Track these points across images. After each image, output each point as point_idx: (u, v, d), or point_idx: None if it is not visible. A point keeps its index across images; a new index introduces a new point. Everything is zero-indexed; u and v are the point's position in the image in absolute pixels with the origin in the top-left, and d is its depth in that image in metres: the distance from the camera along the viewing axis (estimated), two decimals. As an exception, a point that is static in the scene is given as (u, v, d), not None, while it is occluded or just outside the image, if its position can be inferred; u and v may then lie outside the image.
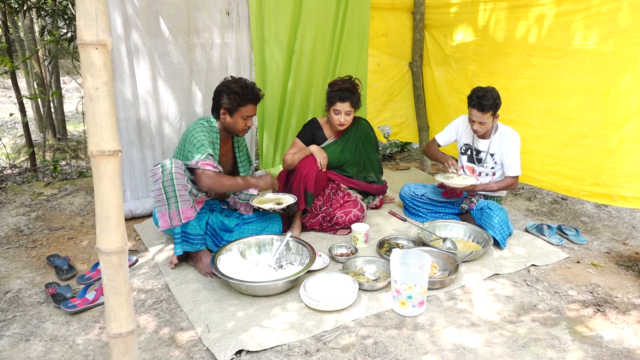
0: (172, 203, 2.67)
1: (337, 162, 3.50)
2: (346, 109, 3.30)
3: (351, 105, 3.31)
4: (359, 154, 3.55)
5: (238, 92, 2.83)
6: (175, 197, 2.66)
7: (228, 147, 3.11)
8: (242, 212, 3.17)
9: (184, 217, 2.69)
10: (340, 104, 3.29)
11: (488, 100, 3.10)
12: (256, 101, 2.92)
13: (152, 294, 2.63)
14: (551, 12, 3.25)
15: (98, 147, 1.47)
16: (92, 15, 1.41)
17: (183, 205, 2.68)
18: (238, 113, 2.87)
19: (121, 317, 1.63)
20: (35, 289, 2.68)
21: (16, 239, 3.29)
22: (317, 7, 3.98)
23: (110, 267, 1.57)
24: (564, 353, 2.16)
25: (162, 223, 2.71)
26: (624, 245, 3.27)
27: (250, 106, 2.89)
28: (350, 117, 3.36)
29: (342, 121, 3.34)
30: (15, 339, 2.24)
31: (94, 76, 1.45)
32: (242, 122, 2.91)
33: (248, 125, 2.95)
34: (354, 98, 3.31)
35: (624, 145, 2.99)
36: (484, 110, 3.12)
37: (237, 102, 2.83)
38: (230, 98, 2.83)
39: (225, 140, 3.04)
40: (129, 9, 3.26)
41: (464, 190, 3.34)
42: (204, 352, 2.15)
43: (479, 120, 3.18)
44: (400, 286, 2.41)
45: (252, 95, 2.87)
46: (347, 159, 3.51)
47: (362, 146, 3.56)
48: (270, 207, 2.98)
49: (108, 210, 1.53)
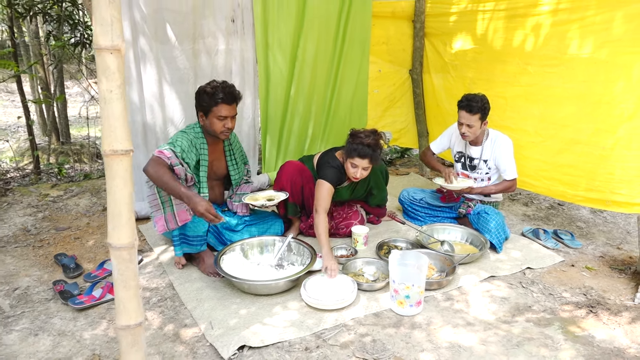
0: (167, 207, 2.73)
1: (347, 198, 3.47)
2: (364, 165, 3.04)
3: (370, 162, 3.05)
4: (369, 190, 3.47)
5: (209, 92, 2.81)
6: (169, 201, 2.72)
7: (218, 151, 3.10)
8: (240, 214, 3.21)
9: (179, 220, 2.73)
10: (359, 160, 3.02)
11: (477, 103, 3.20)
12: (228, 101, 2.83)
13: (157, 292, 2.70)
14: (547, 21, 3.34)
15: (111, 146, 1.55)
16: (108, 21, 1.50)
17: (178, 209, 2.73)
18: (212, 114, 2.83)
19: (130, 309, 1.70)
20: (43, 286, 2.75)
21: (24, 238, 3.36)
22: (319, 15, 4.08)
23: (120, 261, 1.65)
24: (556, 352, 2.22)
25: (159, 227, 2.76)
26: (618, 249, 3.34)
27: (222, 106, 2.82)
28: (367, 172, 3.10)
29: (358, 176, 3.08)
30: (24, 334, 2.31)
31: (109, 79, 1.53)
32: (218, 123, 2.85)
33: (226, 126, 2.87)
34: (374, 155, 3.02)
35: (616, 152, 3.06)
36: (472, 112, 3.21)
37: (208, 102, 2.81)
38: (202, 99, 2.83)
39: (213, 144, 3.03)
40: (136, 16, 3.35)
41: (461, 192, 3.42)
42: (207, 348, 2.22)
43: (467, 122, 3.26)
44: (398, 286, 2.49)
45: (223, 95, 2.80)
46: (357, 195, 3.47)
47: (374, 184, 3.45)
48: (262, 204, 3.03)
49: (120, 208, 1.61)
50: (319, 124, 4.44)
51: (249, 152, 4.15)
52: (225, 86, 2.85)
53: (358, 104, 4.55)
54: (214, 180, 3.12)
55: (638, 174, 3.00)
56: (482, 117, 3.27)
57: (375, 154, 3.04)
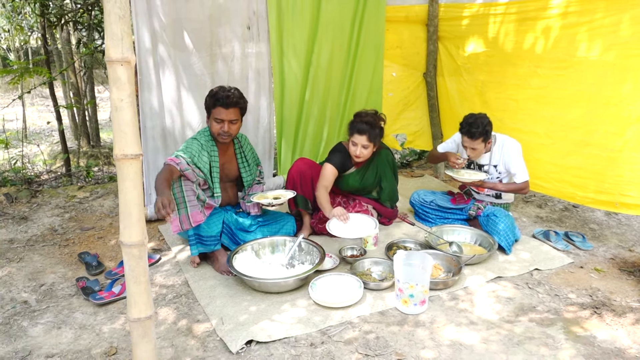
0: (181, 208, 2.86)
1: (357, 188, 3.57)
2: (363, 142, 3.20)
3: (368, 140, 3.20)
4: (379, 181, 3.56)
5: (211, 94, 2.98)
6: (184, 203, 2.85)
7: (229, 154, 3.22)
8: (253, 214, 3.32)
9: (193, 221, 2.86)
10: (358, 136, 3.21)
11: (477, 128, 3.22)
12: (225, 105, 2.92)
13: (173, 289, 2.84)
14: (557, 24, 3.36)
15: (122, 151, 1.68)
16: (119, 36, 1.62)
17: (192, 210, 2.86)
18: (211, 115, 2.99)
19: (140, 303, 1.83)
20: (67, 282, 2.92)
21: (51, 237, 3.55)
22: (333, 21, 4.17)
23: (131, 258, 1.78)
24: (556, 351, 2.26)
25: (173, 227, 2.91)
26: (630, 251, 3.33)
27: (219, 109, 2.93)
28: (367, 151, 3.26)
29: (358, 154, 3.25)
30: (48, 327, 2.47)
31: (119, 89, 1.65)
32: (216, 125, 2.97)
33: (223, 129, 2.96)
34: (372, 132, 3.20)
35: (624, 154, 3.07)
36: (473, 137, 3.25)
37: (208, 104, 2.99)
38: (206, 101, 3.01)
39: (223, 147, 3.15)
40: (156, 25, 3.50)
41: (472, 185, 3.43)
42: (217, 342, 2.34)
43: (470, 146, 3.32)
44: (403, 285, 2.56)
45: (221, 98, 2.92)
46: (367, 185, 3.56)
47: (383, 175, 3.54)
48: (269, 202, 3.14)
49: (130, 208, 1.74)
50: (333, 127, 4.53)
51: (264, 155, 4.27)
52: (225, 90, 2.97)
53: (372, 107, 4.50)
54: (226, 182, 3.25)
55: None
56: (485, 139, 3.30)
57: (374, 132, 3.21)
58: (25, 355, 2.25)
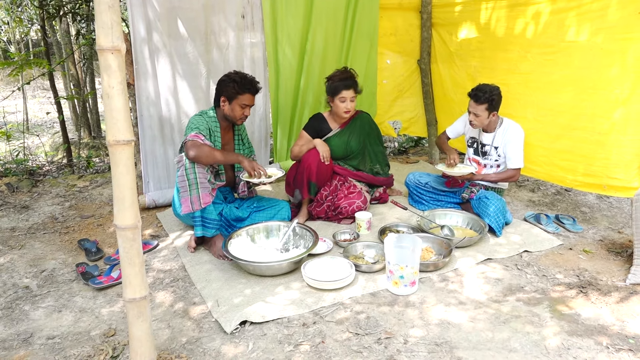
0: (193, 189, 2.94)
1: (342, 153, 3.68)
2: (351, 95, 3.48)
3: (355, 92, 3.50)
4: (363, 144, 3.71)
5: (237, 81, 3.10)
6: (196, 184, 2.93)
7: (229, 136, 3.36)
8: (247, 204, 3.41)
9: (203, 202, 2.95)
10: (346, 91, 3.46)
11: (484, 93, 3.29)
12: (253, 92, 3.16)
13: (170, 274, 2.91)
14: (547, 9, 3.39)
15: (114, 137, 1.74)
16: (109, 25, 1.67)
17: (203, 191, 2.94)
18: (236, 101, 3.13)
19: (135, 284, 1.89)
20: (67, 268, 2.99)
21: (51, 225, 3.63)
22: (327, 9, 4.21)
23: (125, 240, 1.84)
24: (540, 328, 2.32)
25: (184, 207, 2.96)
26: (619, 233, 3.38)
27: (247, 95, 3.13)
28: (354, 103, 3.53)
29: (349, 108, 3.50)
30: (49, 310, 2.55)
31: (110, 76, 1.70)
32: (240, 110, 3.16)
33: (245, 114, 3.19)
34: (356, 83, 3.51)
35: (611, 136, 3.11)
36: (478, 101, 3.31)
37: (236, 90, 3.10)
38: (230, 86, 3.10)
39: (225, 129, 3.30)
40: (150, 14, 3.54)
41: (462, 178, 3.51)
42: (213, 323, 2.41)
43: (473, 110, 3.37)
44: (393, 267, 2.62)
45: (250, 86, 3.13)
46: (353, 149, 3.68)
47: (367, 138, 3.71)
48: (260, 181, 3.19)
49: (123, 192, 1.80)
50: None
51: (260, 142, 4.33)
52: (252, 79, 3.17)
53: (367, 94, 4.66)
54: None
55: (633, 158, 3.04)
56: (490, 107, 3.34)
57: (356, 83, 3.52)
58: (27, 337, 2.33)
